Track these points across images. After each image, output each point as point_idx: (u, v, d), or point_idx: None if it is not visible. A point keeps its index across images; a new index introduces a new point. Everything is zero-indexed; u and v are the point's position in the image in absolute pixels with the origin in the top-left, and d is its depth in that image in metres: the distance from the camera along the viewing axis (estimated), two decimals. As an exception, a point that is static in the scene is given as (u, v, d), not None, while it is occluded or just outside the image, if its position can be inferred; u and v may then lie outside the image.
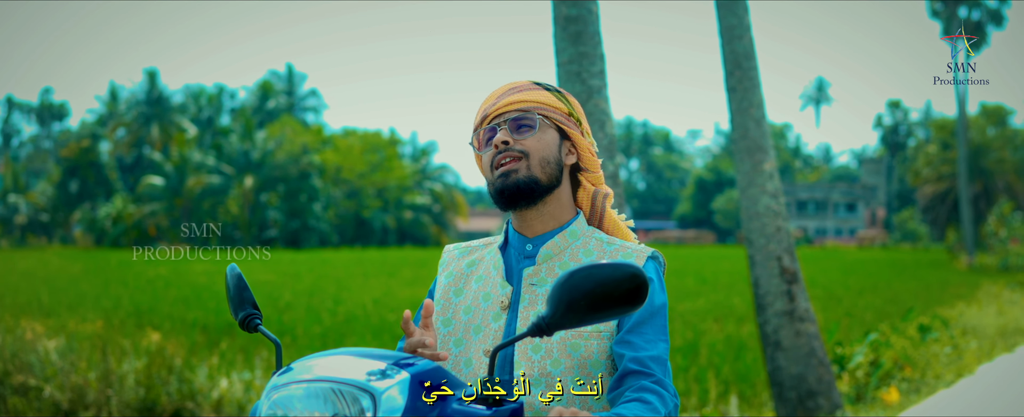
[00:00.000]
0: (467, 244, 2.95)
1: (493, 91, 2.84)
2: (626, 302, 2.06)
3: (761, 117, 8.95)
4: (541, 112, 2.72)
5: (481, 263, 2.83)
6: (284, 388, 2.09)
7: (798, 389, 8.63)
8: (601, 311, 2.07)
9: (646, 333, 2.56)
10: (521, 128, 2.69)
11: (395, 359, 2.15)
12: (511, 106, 2.73)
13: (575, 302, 2.06)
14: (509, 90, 2.79)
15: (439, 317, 2.79)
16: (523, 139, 2.67)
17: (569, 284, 2.06)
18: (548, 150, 2.68)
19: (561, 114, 2.75)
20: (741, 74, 8.91)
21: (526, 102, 2.73)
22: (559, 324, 2.08)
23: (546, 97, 2.75)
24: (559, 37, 6.20)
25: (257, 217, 61.05)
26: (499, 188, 2.65)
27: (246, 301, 2.61)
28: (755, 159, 8.89)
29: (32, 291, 21.21)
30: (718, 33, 9.01)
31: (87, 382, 10.54)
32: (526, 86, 2.79)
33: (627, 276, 2.05)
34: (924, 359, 11.61)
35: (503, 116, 2.73)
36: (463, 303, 2.78)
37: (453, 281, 2.84)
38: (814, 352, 8.64)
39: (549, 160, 2.68)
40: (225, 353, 12.19)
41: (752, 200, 8.88)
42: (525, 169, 2.64)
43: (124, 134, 72.60)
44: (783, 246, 8.78)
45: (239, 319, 2.59)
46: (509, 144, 2.66)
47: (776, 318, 8.68)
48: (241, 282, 2.64)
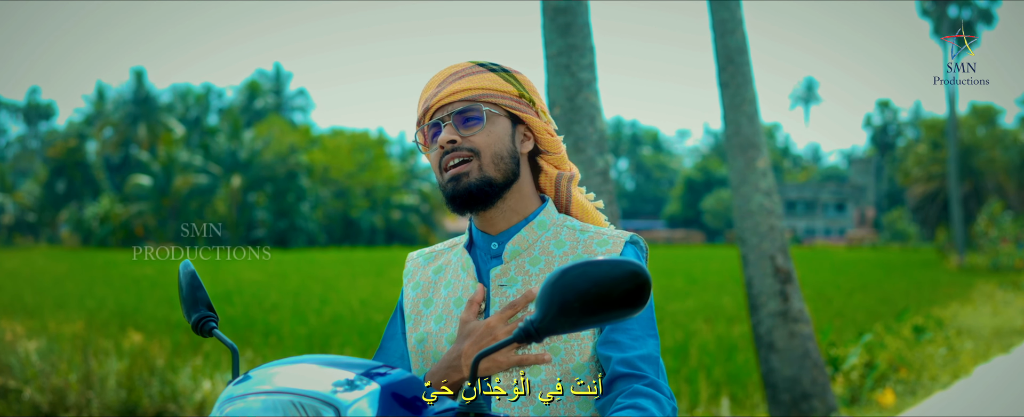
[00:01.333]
0: (431, 249, 2.69)
1: (432, 77, 2.55)
2: (625, 304, 1.83)
3: (754, 113, 8.79)
4: (488, 100, 2.44)
5: (448, 267, 2.57)
6: (240, 399, 1.84)
7: (792, 391, 8.47)
8: (596, 314, 1.84)
9: (632, 330, 2.32)
10: (468, 122, 2.42)
11: (365, 368, 1.91)
12: (453, 96, 2.44)
13: (568, 304, 1.83)
14: (450, 76, 2.50)
15: (412, 334, 2.54)
16: (471, 134, 2.39)
17: (561, 284, 1.83)
18: (500, 144, 2.42)
19: (511, 98, 2.47)
20: (734, 69, 8.74)
21: (470, 90, 2.44)
22: (550, 328, 1.85)
23: (492, 81, 2.47)
24: (548, 29, 6.01)
25: (245, 217, 60.91)
26: (450, 194, 2.40)
27: (200, 302, 2.36)
28: (748, 156, 8.73)
29: (15, 291, 21.08)
30: (710, 27, 8.85)
31: (68, 384, 10.40)
32: (468, 70, 2.51)
33: (626, 275, 1.82)
34: (919, 360, 11.48)
35: (446, 108, 2.45)
36: (433, 313, 2.52)
37: (421, 292, 2.59)
38: (808, 353, 8.48)
39: (502, 155, 2.42)
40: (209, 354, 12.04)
41: (745, 198, 8.71)
42: (477, 170, 2.38)
43: (111, 134, 72.37)
44: (777, 245, 8.61)
45: (192, 322, 2.34)
46: (456, 143, 2.40)
47: (770, 319, 8.51)
48: (195, 281, 2.39)
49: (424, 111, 2.49)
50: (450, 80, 2.47)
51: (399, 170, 72.20)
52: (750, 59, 8.82)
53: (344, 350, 12.33)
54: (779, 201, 8.86)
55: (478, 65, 2.52)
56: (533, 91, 2.53)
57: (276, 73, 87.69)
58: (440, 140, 2.39)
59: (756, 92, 8.84)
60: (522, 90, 2.50)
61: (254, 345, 12.86)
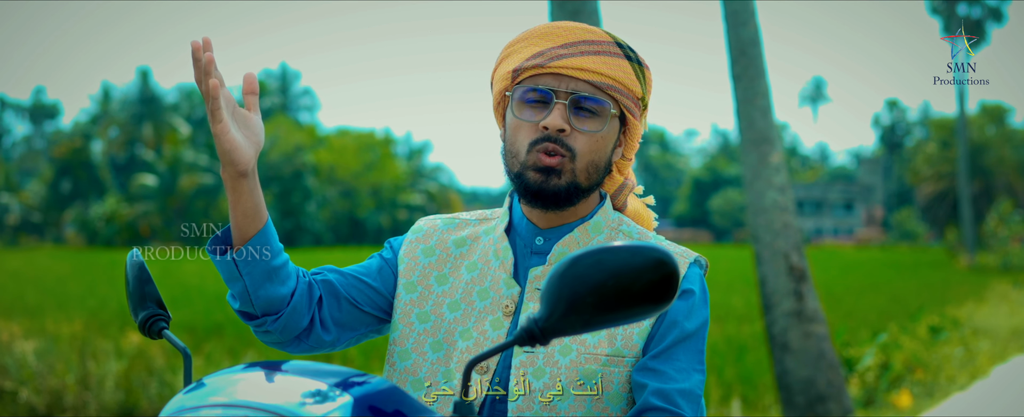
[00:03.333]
0: (453, 215, 2.28)
1: (552, 26, 2.11)
2: (649, 299, 1.48)
3: (767, 107, 8.54)
4: (616, 96, 2.06)
5: (476, 244, 2.19)
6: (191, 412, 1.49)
7: (807, 393, 8.22)
8: (615, 311, 1.48)
9: (678, 360, 1.97)
10: (584, 112, 2.03)
11: (338, 377, 1.56)
12: (584, 74, 2.03)
13: (579, 299, 1.48)
14: (582, 42, 2.07)
15: (412, 307, 2.16)
16: (581, 129, 2.02)
17: (571, 274, 1.48)
18: (600, 153, 2.06)
19: (634, 99, 2.09)
20: (747, 61, 8.49)
21: (605, 77, 2.04)
22: (557, 328, 1.50)
23: (626, 73, 2.06)
24: (556, 17, 5.77)
25: (251, 217, 60.72)
26: (535, 188, 2.03)
27: (148, 298, 2.01)
28: (761, 151, 8.47)
29: (17, 291, 20.95)
30: (723, 18, 8.61)
31: (65, 385, 10.30)
32: (606, 46, 2.07)
33: (651, 263, 1.47)
34: (935, 361, 11.25)
35: (567, 82, 2.04)
36: (448, 296, 2.15)
37: (435, 262, 2.19)
38: (824, 354, 8.23)
39: (598, 165, 2.06)
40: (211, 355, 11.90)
41: (758, 194, 8.45)
42: (569, 173, 2.02)
43: (117, 133, 72.27)
44: (791, 243, 8.36)
45: (139, 321, 2.00)
46: (565, 134, 2.02)
47: (784, 319, 8.26)
48: (143, 274, 2.04)
49: (534, 65, 2.06)
50: (583, 49, 2.06)
51: (405, 170, 72.08)
52: (763, 51, 8.58)
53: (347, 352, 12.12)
54: (793, 197, 8.63)
55: (618, 45, 2.09)
56: (651, 91, 2.17)
57: (282, 72, 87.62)
58: (550, 122, 2.01)
59: (769, 85, 8.59)
60: (645, 93, 2.12)
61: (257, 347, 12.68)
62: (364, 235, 65.90)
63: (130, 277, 2.04)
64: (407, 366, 2.12)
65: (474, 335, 2.08)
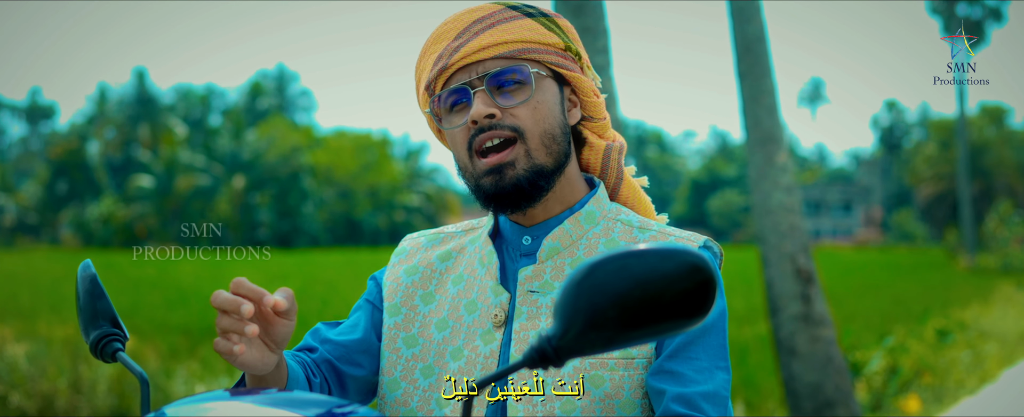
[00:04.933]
0: (437, 231, 2.07)
1: (442, 26, 1.90)
2: (682, 312, 1.26)
3: (773, 106, 8.37)
4: (532, 57, 1.83)
5: (460, 256, 1.98)
6: None
7: (814, 398, 8.06)
8: (641, 327, 1.26)
9: (697, 358, 1.74)
10: (506, 88, 1.81)
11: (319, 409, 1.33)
12: (487, 52, 1.81)
13: (600, 312, 1.25)
14: (474, 23, 1.85)
15: (397, 332, 1.95)
16: (514, 106, 1.79)
17: (590, 283, 1.26)
18: (549, 119, 1.82)
19: (557, 52, 1.86)
20: (752, 59, 8.34)
21: (510, 43, 1.82)
22: (574, 348, 1.29)
23: (533, 30, 1.84)
24: (559, 10, 5.58)
25: (247, 218, 60.71)
26: (492, 191, 1.81)
27: (101, 315, 1.75)
28: (767, 151, 8.31)
29: (11, 293, 20.82)
30: (728, 15, 8.45)
31: (56, 389, 10.17)
32: (499, 15, 1.86)
33: (684, 269, 1.24)
34: (943, 365, 11.10)
35: (475, 68, 1.83)
36: (435, 315, 1.93)
37: (420, 281, 1.98)
38: (831, 359, 8.07)
39: (553, 134, 1.82)
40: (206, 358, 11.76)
41: (764, 195, 8.29)
42: (524, 157, 1.79)
43: (113, 134, 72.14)
44: (798, 245, 8.19)
45: (90, 341, 1.73)
46: (496, 118, 1.80)
47: (791, 322, 8.09)
48: (96, 288, 1.78)
49: (438, 72, 1.85)
50: (476, 29, 1.84)
51: (403, 171, 72.03)
52: (769, 49, 8.43)
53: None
54: (800, 198, 8.46)
55: (510, 8, 1.87)
56: (578, 40, 1.93)
57: (279, 73, 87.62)
58: (474, 114, 1.79)
59: (776, 84, 8.44)
60: (567, 40, 1.89)
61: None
62: (361, 236, 65.82)
63: (81, 291, 1.78)
64: (397, 397, 1.91)
65: (465, 353, 1.85)
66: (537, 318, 1.82)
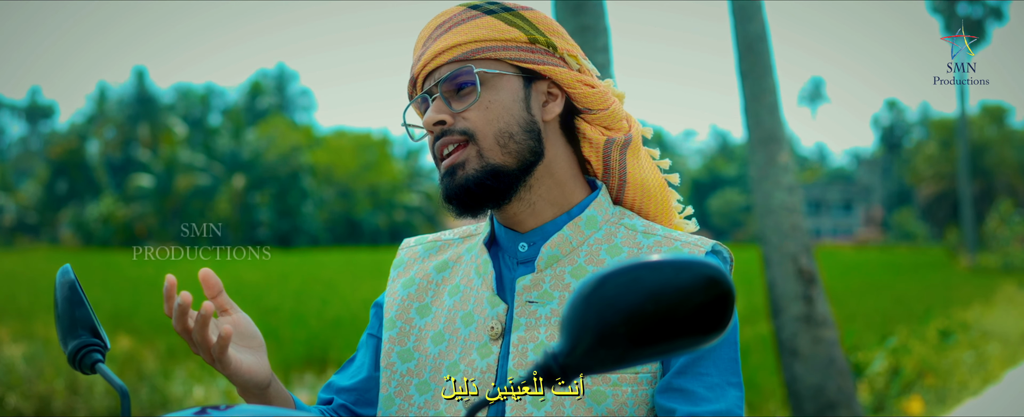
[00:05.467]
0: (435, 238, 2.00)
1: (421, 30, 1.88)
2: (698, 328, 1.18)
3: (775, 105, 8.32)
4: (484, 56, 1.78)
5: (456, 266, 1.91)
6: None
7: (817, 400, 8.01)
8: (654, 344, 1.18)
9: (708, 374, 1.66)
10: (462, 91, 1.77)
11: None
12: (441, 57, 1.78)
13: (610, 328, 1.17)
14: (436, 29, 1.83)
15: (394, 347, 1.87)
16: (464, 109, 1.75)
17: (599, 296, 1.18)
18: (506, 116, 1.74)
19: (517, 46, 1.79)
20: (754, 58, 8.28)
21: (459, 46, 1.77)
22: (582, 365, 1.21)
23: (489, 28, 1.79)
24: (559, 8, 5.49)
25: (247, 217, 60.70)
26: (446, 193, 1.78)
27: (80, 324, 1.64)
28: (769, 150, 8.26)
29: (10, 293, 20.78)
30: (730, 14, 8.39)
31: (53, 390, 10.12)
32: (457, 17, 1.82)
33: (700, 281, 1.17)
34: (946, 366, 11.05)
35: (434, 76, 1.80)
36: (431, 328, 1.85)
37: (416, 293, 1.91)
38: (834, 361, 8.01)
39: (510, 131, 1.74)
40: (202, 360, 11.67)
41: (766, 195, 8.23)
42: (475, 158, 1.74)
43: (113, 134, 72.15)
44: (800, 245, 8.13)
45: (69, 352, 1.63)
46: (446, 124, 1.76)
47: (792, 323, 8.03)
48: (75, 295, 1.67)
49: (410, 82, 1.86)
50: (437, 34, 1.82)
51: (402, 170, 72.06)
52: (771, 48, 8.38)
53: (345, 355, 11.92)
54: (802, 198, 8.41)
55: (470, 8, 1.83)
56: (553, 30, 1.84)
57: (279, 73, 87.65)
58: (424, 122, 1.77)
59: (777, 82, 8.38)
60: (534, 33, 1.81)
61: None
62: (361, 236, 65.84)
63: (59, 299, 1.67)
64: (392, 415, 1.84)
65: (461, 368, 1.77)
66: (536, 329, 1.74)
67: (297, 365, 11.66)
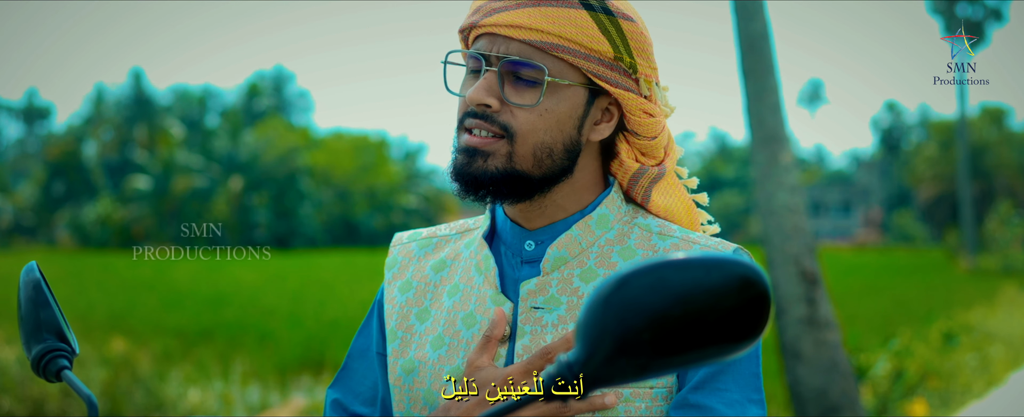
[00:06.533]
0: (430, 233, 1.85)
1: None
2: (729, 335, 1.04)
3: (777, 104, 8.22)
4: (563, 58, 1.58)
5: (455, 264, 1.76)
6: None
7: (819, 403, 7.91)
8: (682, 352, 1.04)
9: (727, 390, 1.55)
10: (520, 82, 1.58)
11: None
12: (518, 32, 1.57)
13: (632, 334, 1.03)
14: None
15: (397, 360, 1.73)
16: (518, 105, 1.57)
17: (619, 299, 1.04)
18: (553, 132, 1.59)
19: (600, 60, 1.60)
20: (756, 57, 8.18)
21: (544, 33, 1.56)
22: (600, 377, 1.06)
23: (582, 27, 1.58)
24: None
25: (245, 219, 60.60)
26: (456, 170, 1.62)
27: (45, 327, 1.52)
28: (771, 150, 8.16)
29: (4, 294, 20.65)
30: (732, 13, 8.31)
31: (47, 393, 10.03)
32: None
33: (733, 282, 1.04)
34: (949, 368, 10.98)
35: (498, 43, 1.59)
36: (431, 332, 1.71)
37: (414, 298, 1.76)
38: (837, 364, 7.92)
39: (551, 148, 1.60)
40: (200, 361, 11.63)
41: (768, 195, 8.14)
42: (503, 158, 1.59)
43: (110, 135, 72.08)
44: (802, 246, 8.03)
45: (32, 358, 1.51)
46: (491, 110, 1.58)
47: (795, 326, 7.93)
48: (40, 296, 1.56)
49: (469, 25, 1.63)
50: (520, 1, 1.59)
51: (400, 172, 72.01)
52: (773, 47, 8.29)
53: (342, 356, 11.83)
54: (805, 199, 8.32)
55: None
56: (640, 48, 1.65)
57: (276, 74, 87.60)
58: (470, 96, 1.58)
59: (780, 82, 8.29)
60: (622, 50, 1.62)
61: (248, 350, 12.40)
62: (359, 237, 65.76)
63: (22, 299, 1.56)
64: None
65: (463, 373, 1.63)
66: (542, 337, 1.61)
67: (294, 367, 11.59)
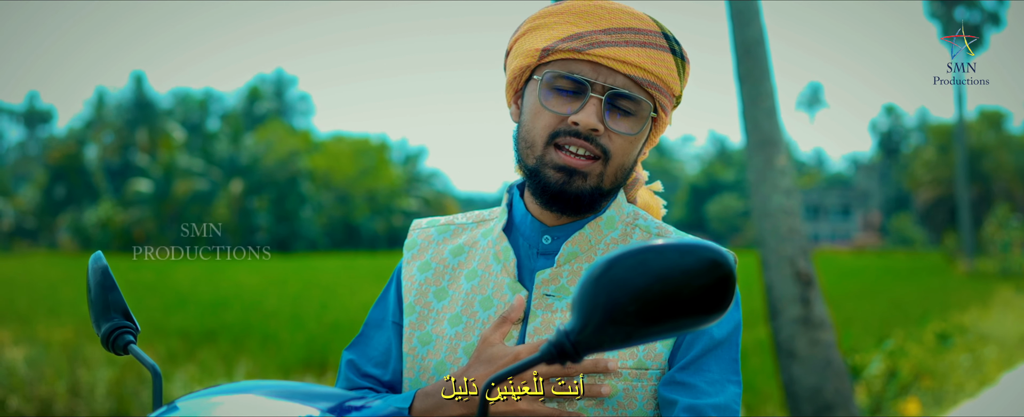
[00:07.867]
0: (448, 220, 2.05)
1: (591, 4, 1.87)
2: (700, 307, 1.27)
3: (772, 109, 8.36)
4: (656, 94, 1.84)
5: (473, 251, 1.96)
6: None
7: (814, 402, 8.04)
8: (660, 322, 1.27)
9: (710, 371, 1.75)
10: (619, 110, 1.81)
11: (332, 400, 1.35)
12: (627, 68, 1.80)
13: (619, 307, 1.26)
14: (628, 31, 1.84)
15: (414, 331, 1.92)
16: (617, 130, 1.79)
17: (608, 278, 1.27)
18: (632, 153, 1.87)
19: (670, 97, 1.88)
20: (751, 62, 8.32)
21: (648, 73, 1.81)
22: (592, 343, 1.29)
23: (670, 69, 1.85)
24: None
25: (245, 222, 60.61)
26: (555, 188, 1.80)
27: (113, 308, 1.77)
28: (767, 154, 8.29)
29: (9, 297, 20.77)
30: (728, 18, 8.43)
31: (54, 393, 10.14)
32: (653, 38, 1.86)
33: (702, 264, 1.27)
34: (943, 368, 11.10)
35: (606, 74, 1.81)
36: (448, 310, 1.90)
37: (433, 277, 1.96)
38: (831, 362, 8.04)
39: (628, 167, 1.87)
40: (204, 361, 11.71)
41: (764, 198, 8.27)
42: (596, 177, 1.82)
43: (111, 138, 72.06)
44: (797, 248, 8.17)
45: (102, 334, 1.75)
46: (598, 133, 1.79)
47: (790, 325, 8.07)
48: (107, 280, 1.80)
49: (567, 49, 1.82)
50: (628, 38, 1.82)
51: (401, 175, 71.98)
52: (768, 52, 8.41)
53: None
54: (800, 201, 8.45)
55: (664, 36, 1.87)
56: (687, 82, 1.96)
57: (277, 77, 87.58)
58: (584, 123, 1.77)
59: (775, 87, 8.42)
60: (682, 88, 1.92)
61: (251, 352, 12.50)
62: (359, 240, 65.77)
63: (92, 283, 1.79)
64: None
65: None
66: (552, 322, 1.81)
67: (296, 368, 11.69)
